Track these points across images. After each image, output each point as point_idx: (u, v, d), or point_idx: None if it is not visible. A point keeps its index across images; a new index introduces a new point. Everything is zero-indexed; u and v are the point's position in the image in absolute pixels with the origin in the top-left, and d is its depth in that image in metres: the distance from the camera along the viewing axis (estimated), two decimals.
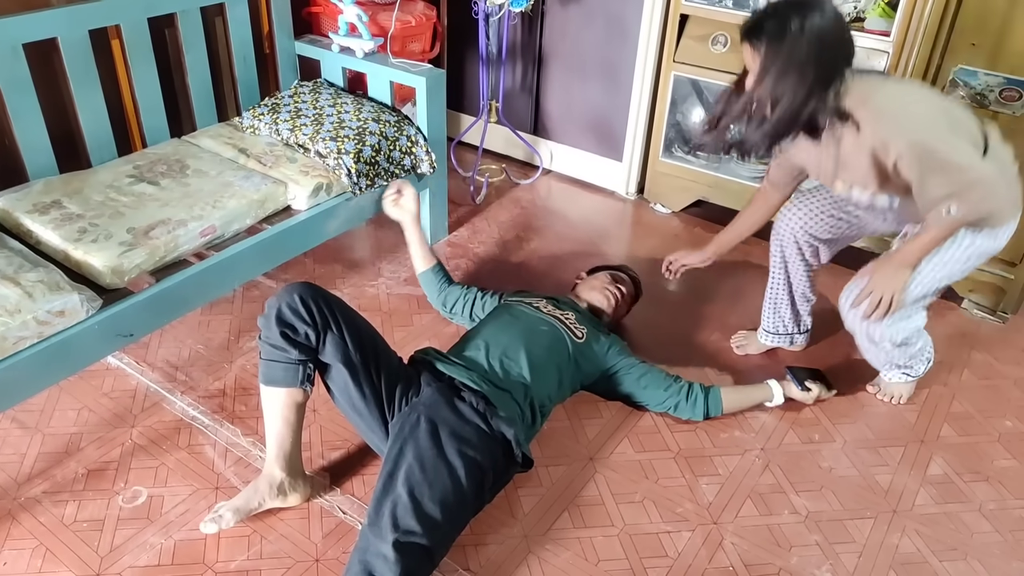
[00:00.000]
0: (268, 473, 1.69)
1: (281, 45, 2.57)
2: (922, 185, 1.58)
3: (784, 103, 1.58)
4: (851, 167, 1.69)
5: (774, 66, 1.55)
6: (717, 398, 1.99)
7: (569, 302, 2.13)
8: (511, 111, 3.15)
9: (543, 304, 2.04)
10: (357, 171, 2.25)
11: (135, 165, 2.18)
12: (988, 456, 1.97)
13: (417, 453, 1.55)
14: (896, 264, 1.75)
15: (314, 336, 1.63)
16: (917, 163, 1.56)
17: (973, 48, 2.15)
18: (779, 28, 1.53)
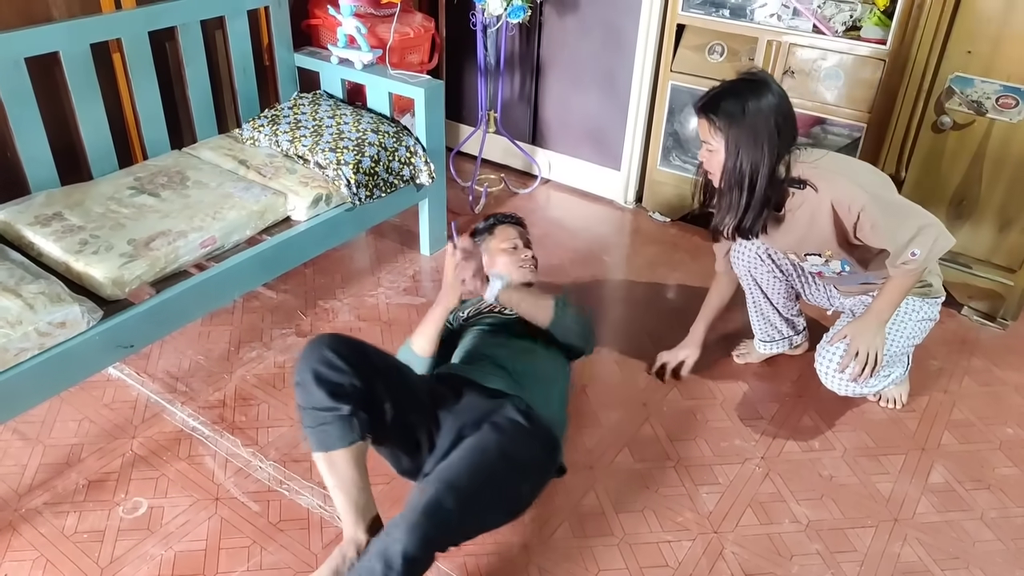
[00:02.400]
0: (353, 539, 1.51)
1: (281, 57, 2.58)
2: (888, 231, 1.68)
3: (760, 174, 1.68)
4: (812, 231, 1.79)
5: (743, 142, 1.66)
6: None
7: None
8: (509, 121, 3.16)
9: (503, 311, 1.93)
10: (356, 182, 2.26)
11: (136, 177, 2.19)
12: (989, 464, 1.97)
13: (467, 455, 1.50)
14: (873, 323, 1.82)
15: (359, 381, 1.50)
16: (880, 212, 1.68)
17: (969, 56, 2.16)
18: (738, 106, 1.66)
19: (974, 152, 2.25)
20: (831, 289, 2.07)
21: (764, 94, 1.66)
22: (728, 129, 1.67)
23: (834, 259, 1.87)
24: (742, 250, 2.02)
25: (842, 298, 2.06)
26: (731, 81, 1.72)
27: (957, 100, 2.22)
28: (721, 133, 1.68)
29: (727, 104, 1.67)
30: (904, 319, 1.92)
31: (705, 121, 1.71)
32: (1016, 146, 2.19)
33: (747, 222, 1.75)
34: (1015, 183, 2.23)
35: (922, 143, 2.32)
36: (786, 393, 2.17)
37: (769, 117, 1.65)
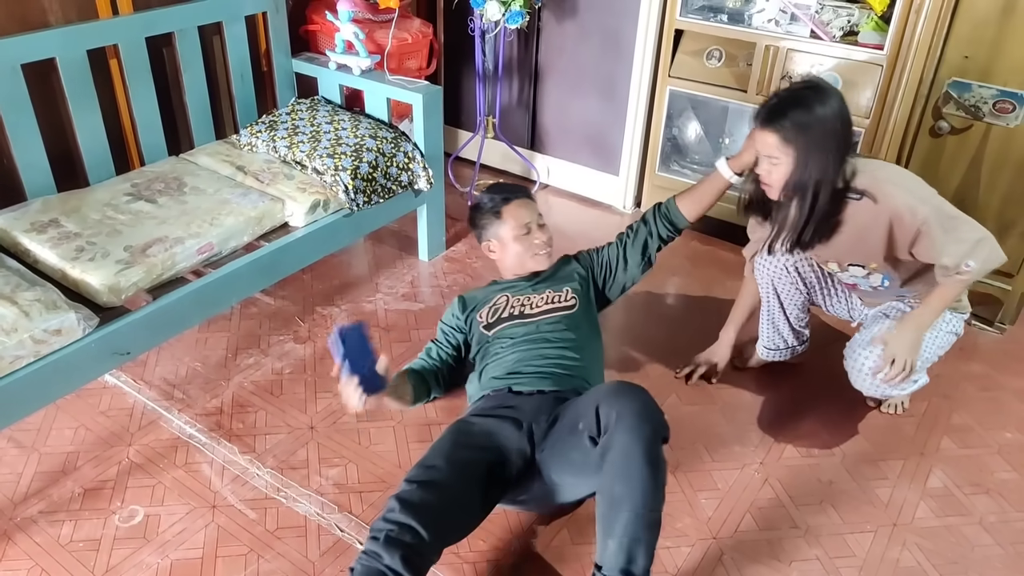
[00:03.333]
0: None
1: (278, 63, 2.58)
2: (944, 245, 1.65)
3: (825, 184, 1.64)
4: (861, 242, 1.75)
5: (812, 152, 1.60)
6: (670, 203, 1.94)
7: (526, 287, 1.90)
8: (508, 126, 3.16)
9: (524, 310, 1.85)
10: (354, 187, 2.25)
11: (133, 183, 2.18)
12: (988, 468, 1.96)
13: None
14: (913, 330, 1.77)
15: (430, 535, 1.41)
16: (939, 228, 1.65)
17: (966, 61, 2.16)
18: (807, 115, 1.59)
19: (972, 157, 2.25)
20: (853, 300, 2.05)
21: (828, 100, 1.60)
22: (798, 140, 1.60)
23: (876, 272, 1.84)
24: (768, 261, 1.98)
25: (865, 308, 2.04)
26: (790, 90, 1.65)
27: (954, 105, 2.22)
28: (791, 145, 1.61)
29: (796, 114, 1.59)
30: (936, 330, 1.88)
31: (771, 133, 1.63)
32: (1013, 150, 2.19)
33: (807, 235, 1.72)
34: (1012, 187, 2.23)
35: (920, 148, 2.32)
36: (785, 399, 2.17)
37: (836, 123, 1.59)
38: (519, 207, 1.89)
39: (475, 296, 1.94)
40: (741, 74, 2.53)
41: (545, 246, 1.91)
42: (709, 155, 2.77)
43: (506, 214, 1.88)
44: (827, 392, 2.18)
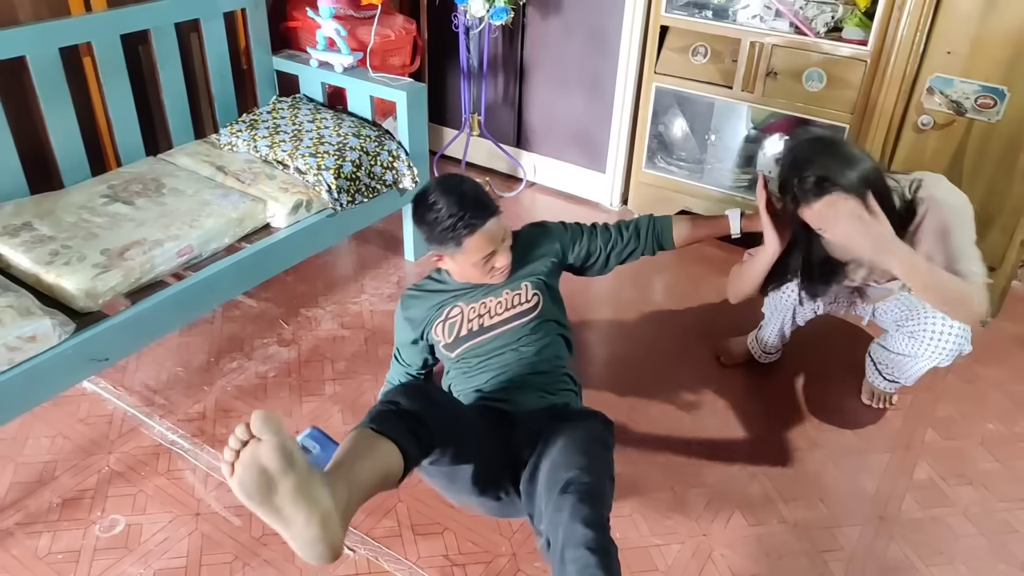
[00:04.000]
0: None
1: (259, 60, 2.54)
2: (963, 250, 1.61)
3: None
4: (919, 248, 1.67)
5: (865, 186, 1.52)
6: (666, 225, 1.88)
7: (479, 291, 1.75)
8: (494, 124, 3.14)
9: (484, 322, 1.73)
10: (338, 187, 2.22)
11: (109, 185, 2.14)
12: (972, 459, 1.98)
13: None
14: (898, 245, 1.56)
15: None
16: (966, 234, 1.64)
17: (949, 56, 2.17)
18: (847, 168, 1.51)
19: (954, 151, 2.27)
20: (854, 297, 2.02)
21: (847, 147, 1.57)
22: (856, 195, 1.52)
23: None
24: (788, 293, 1.98)
25: (870, 305, 2.00)
26: (810, 149, 1.56)
27: (937, 100, 2.23)
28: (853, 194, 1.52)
29: (840, 176, 1.50)
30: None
31: (826, 200, 1.52)
32: (995, 146, 2.21)
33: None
34: (994, 182, 2.25)
35: (904, 143, 2.33)
36: (770, 393, 2.17)
37: (867, 163, 1.54)
38: (484, 237, 1.60)
39: (421, 311, 1.78)
40: (727, 70, 2.53)
41: (505, 270, 1.71)
42: (695, 152, 2.77)
43: (468, 245, 1.61)
44: (812, 387, 2.19)
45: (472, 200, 1.61)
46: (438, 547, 1.69)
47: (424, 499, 1.79)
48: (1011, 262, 2.33)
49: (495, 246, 1.65)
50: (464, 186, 1.64)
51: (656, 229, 1.89)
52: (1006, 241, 2.29)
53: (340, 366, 2.18)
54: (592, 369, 2.25)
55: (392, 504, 1.77)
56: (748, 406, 2.12)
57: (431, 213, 1.61)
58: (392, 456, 1.26)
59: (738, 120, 2.63)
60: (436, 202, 1.60)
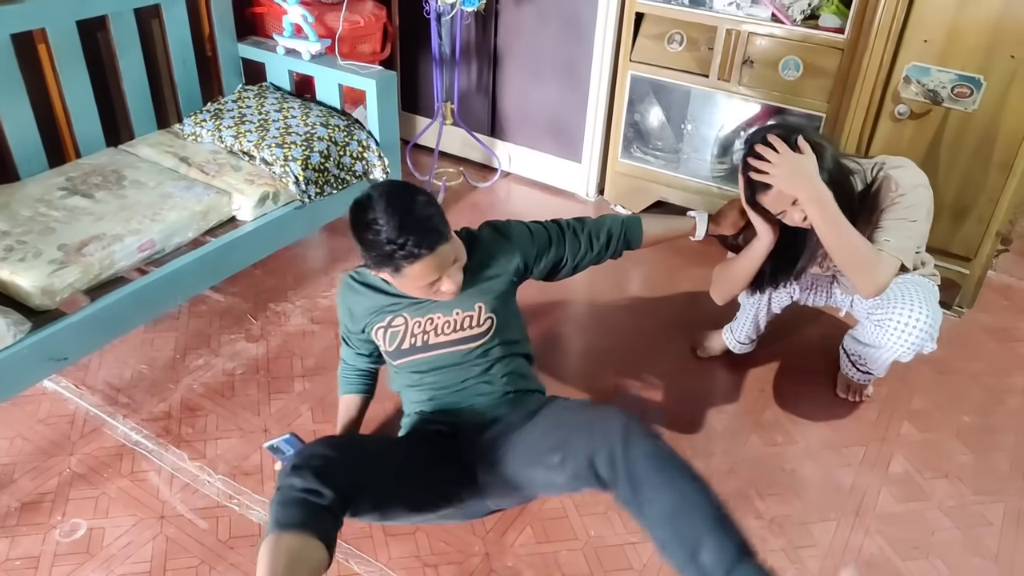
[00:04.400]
0: None
1: (223, 47, 2.46)
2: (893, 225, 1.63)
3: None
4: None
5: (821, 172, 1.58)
6: (635, 229, 1.78)
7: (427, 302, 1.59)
8: (468, 113, 3.08)
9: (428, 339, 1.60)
10: (305, 179, 2.16)
11: (67, 177, 2.06)
12: (947, 452, 1.98)
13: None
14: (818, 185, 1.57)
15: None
16: (903, 212, 1.64)
17: (925, 45, 2.15)
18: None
19: (930, 141, 2.25)
20: (834, 289, 2.02)
21: (800, 129, 1.61)
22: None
23: None
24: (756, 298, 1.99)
25: (846, 296, 2.01)
26: (767, 138, 1.59)
27: (914, 89, 2.21)
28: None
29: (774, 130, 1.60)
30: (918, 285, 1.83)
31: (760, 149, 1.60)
32: (971, 136, 2.19)
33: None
34: (969, 173, 2.24)
35: (880, 132, 2.31)
36: (747, 387, 2.15)
37: (814, 136, 1.60)
38: (428, 265, 1.40)
39: (361, 308, 1.63)
40: (703, 58, 2.49)
41: (453, 293, 1.51)
42: (672, 141, 2.73)
43: (409, 272, 1.41)
44: (788, 380, 2.17)
45: (418, 224, 1.37)
46: (409, 548, 1.66)
47: None
48: (986, 252, 2.32)
49: (441, 272, 1.44)
50: (411, 205, 1.38)
51: (626, 236, 1.78)
52: (981, 231, 2.29)
53: (309, 362, 2.13)
54: (566, 360, 2.22)
55: None
56: (724, 400, 2.10)
57: (368, 232, 1.37)
58: (313, 553, 1.25)
59: (714, 109, 2.59)
60: (376, 220, 1.36)
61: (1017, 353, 2.32)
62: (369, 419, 1.86)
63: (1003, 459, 1.96)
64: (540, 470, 1.42)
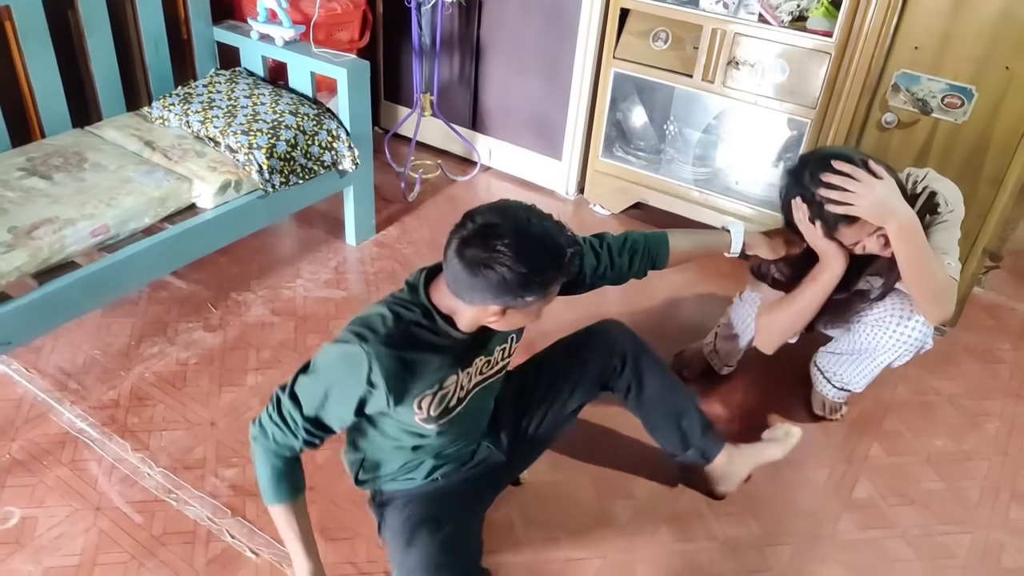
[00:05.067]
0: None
1: (198, 31, 2.42)
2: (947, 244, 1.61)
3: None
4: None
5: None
6: (660, 237, 1.58)
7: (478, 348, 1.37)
8: (449, 104, 3.01)
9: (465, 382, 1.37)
10: (269, 167, 2.11)
11: (28, 157, 2.03)
12: (916, 478, 1.90)
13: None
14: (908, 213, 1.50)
15: None
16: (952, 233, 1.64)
17: (916, 51, 2.06)
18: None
19: (918, 152, 2.16)
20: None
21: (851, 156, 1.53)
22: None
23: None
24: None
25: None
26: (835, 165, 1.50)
27: (903, 98, 2.12)
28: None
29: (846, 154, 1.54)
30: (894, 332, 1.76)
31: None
32: (960, 148, 2.10)
33: None
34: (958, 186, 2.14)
35: (867, 141, 2.23)
36: (714, 400, 2.08)
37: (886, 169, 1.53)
38: (553, 294, 1.27)
39: (412, 383, 1.26)
40: (688, 58, 2.41)
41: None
42: (654, 141, 2.65)
43: (534, 306, 1.25)
44: (756, 396, 2.11)
45: (550, 253, 1.18)
46: (346, 553, 1.62)
47: (339, 503, 1.71)
48: (971, 270, 2.23)
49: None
50: (542, 229, 1.18)
51: (651, 254, 1.57)
52: (967, 248, 2.19)
53: (265, 355, 2.09)
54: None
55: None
56: None
57: (493, 260, 1.15)
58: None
59: (698, 111, 2.51)
60: (503, 252, 1.14)
61: (999, 376, 2.24)
62: None
63: (974, 488, 1.89)
64: (557, 413, 1.63)
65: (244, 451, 1.82)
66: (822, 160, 1.52)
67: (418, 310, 1.27)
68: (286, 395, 1.28)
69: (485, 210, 1.20)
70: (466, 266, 1.16)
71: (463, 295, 1.22)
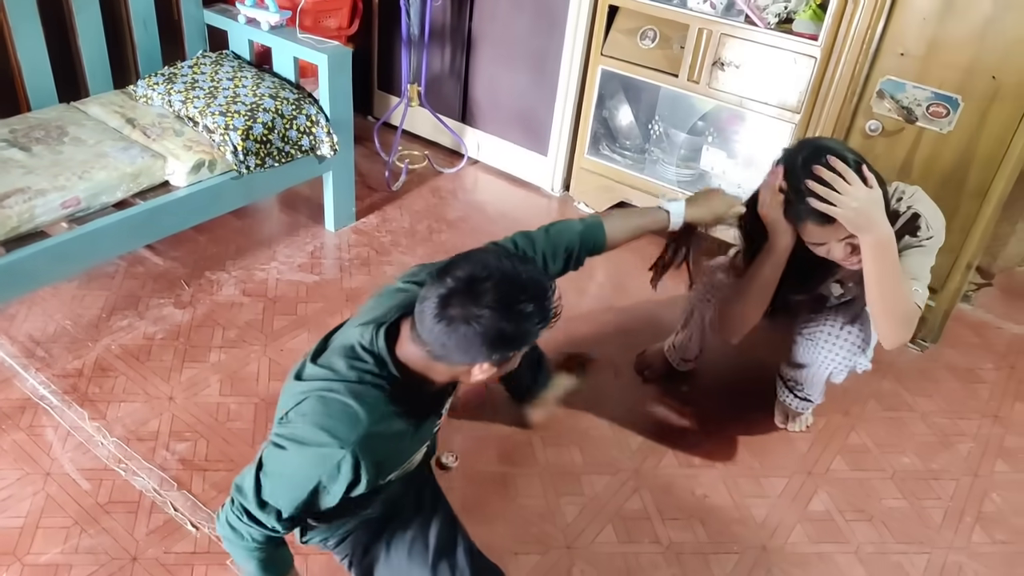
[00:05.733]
0: None
1: (188, 12, 2.45)
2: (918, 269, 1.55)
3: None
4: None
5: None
6: (596, 228, 1.50)
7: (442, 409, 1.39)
8: (439, 96, 3.00)
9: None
10: (244, 149, 2.13)
11: (11, 129, 2.07)
12: (877, 494, 1.85)
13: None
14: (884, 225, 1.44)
15: None
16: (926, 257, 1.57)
17: (902, 58, 2.01)
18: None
19: (901, 162, 2.11)
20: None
21: (845, 152, 1.46)
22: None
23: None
24: (718, 284, 1.85)
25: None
26: (830, 162, 1.44)
27: (887, 105, 2.07)
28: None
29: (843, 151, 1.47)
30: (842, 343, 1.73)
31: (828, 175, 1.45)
32: (943, 160, 2.05)
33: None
34: (942, 198, 2.02)
35: None
36: (674, 405, 2.04)
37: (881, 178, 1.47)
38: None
39: (385, 467, 1.24)
40: (675, 57, 2.38)
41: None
42: (639, 141, 2.62)
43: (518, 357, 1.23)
44: (723, 401, 2.07)
45: (540, 294, 1.14)
46: None
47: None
48: (955, 285, 2.17)
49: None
50: (525, 271, 1.15)
51: (588, 246, 1.50)
52: (950, 263, 2.14)
53: (231, 334, 2.11)
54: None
55: None
56: (648, 417, 2.01)
57: (521, 315, 1.10)
58: None
59: (683, 111, 2.47)
60: (528, 308, 1.10)
61: (978, 395, 2.17)
62: None
63: (937, 508, 1.83)
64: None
65: (199, 426, 1.83)
66: (819, 151, 1.45)
67: (387, 387, 1.17)
68: (252, 502, 1.18)
69: (460, 262, 1.12)
70: (457, 326, 1.07)
71: (451, 357, 1.12)
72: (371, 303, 1.30)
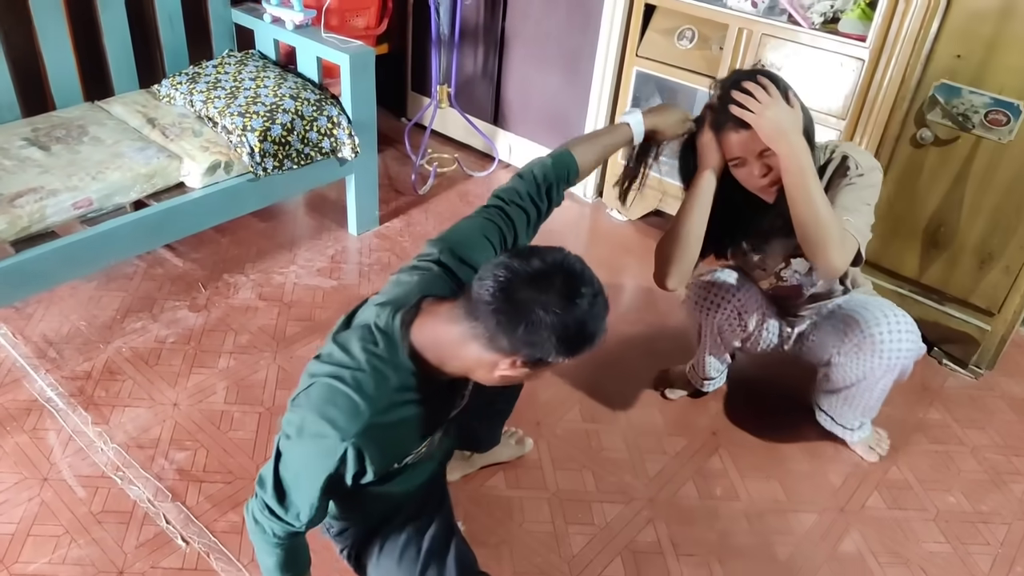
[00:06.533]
0: None
1: (215, 11, 2.43)
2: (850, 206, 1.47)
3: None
4: None
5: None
6: (565, 157, 1.42)
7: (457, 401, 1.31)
8: (471, 98, 2.92)
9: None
10: (262, 151, 2.09)
11: (34, 128, 2.08)
12: (917, 536, 1.69)
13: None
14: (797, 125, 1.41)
15: None
16: (859, 194, 1.49)
17: (958, 60, 1.84)
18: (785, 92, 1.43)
19: (956, 174, 1.94)
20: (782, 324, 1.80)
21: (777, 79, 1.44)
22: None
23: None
24: (712, 308, 1.76)
25: (797, 327, 1.79)
26: (737, 80, 1.42)
27: (941, 112, 1.90)
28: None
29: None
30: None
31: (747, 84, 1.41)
32: (1004, 170, 1.87)
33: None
34: (999, 213, 1.91)
35: (899, 158, 2.02)
36: (698, 428, 1.92)
37: (788, 91, 1.44)
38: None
39: (391, 455, 1.19)
40: (713, 59, 2.25)
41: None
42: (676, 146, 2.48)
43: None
44: (751, 425, 1.93)
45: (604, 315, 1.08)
46: None
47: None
48: (1013, 308, 1.98)
49: None
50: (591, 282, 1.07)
51: (563, 176, 1.41)
52: (1008, 283, 1.95)
53: (243, 339, 2.07)
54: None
55: (243, 497, 1.65)
56: (667, 438, 1.89)
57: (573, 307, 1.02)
58: None
59: None
60: (585, 303, 1.02)
61: None
62: None
63: (985, 555, 1.66)
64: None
65: (200, 435, 1.79)
66: (753, 73, 1.45)
67: (395, 374, 1.10)
68: (272, 497, 1.15)
69: (555, 251, 1.04)
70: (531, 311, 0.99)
71: (498, 342, 1.02)
72: (392, 281, 1.25)
